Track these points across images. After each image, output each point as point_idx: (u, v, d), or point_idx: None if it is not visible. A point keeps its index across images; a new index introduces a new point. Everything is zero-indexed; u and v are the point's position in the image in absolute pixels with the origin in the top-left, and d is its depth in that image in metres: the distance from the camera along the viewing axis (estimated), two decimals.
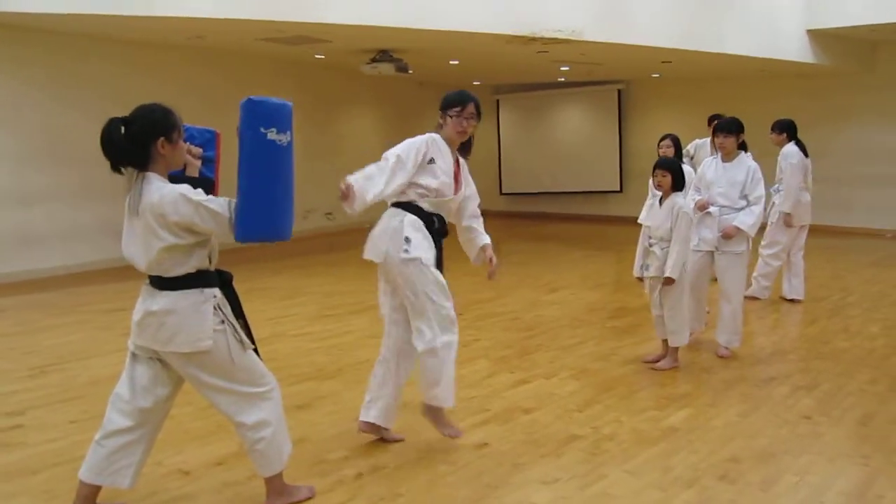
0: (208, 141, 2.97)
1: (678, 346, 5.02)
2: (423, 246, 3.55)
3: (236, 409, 2.87)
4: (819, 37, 10.63)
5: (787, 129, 7.04)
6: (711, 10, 9.58)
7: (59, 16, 7.51)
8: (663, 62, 11.05)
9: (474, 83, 15.35)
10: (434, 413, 3.75)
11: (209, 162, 2.96)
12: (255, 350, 2.94)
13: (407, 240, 3.53)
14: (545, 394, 4.52)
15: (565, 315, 6.59)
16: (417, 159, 3.56)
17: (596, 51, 9.74)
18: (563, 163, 14.84)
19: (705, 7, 9.55)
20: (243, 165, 2.62)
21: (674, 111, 13.43)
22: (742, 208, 5.24)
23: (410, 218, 3.58)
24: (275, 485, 3.02)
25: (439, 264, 3.66)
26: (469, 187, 3.88)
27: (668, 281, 4.82)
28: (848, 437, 3.87)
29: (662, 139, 6.30)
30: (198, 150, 2.92)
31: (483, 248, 3.92)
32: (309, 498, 3.12)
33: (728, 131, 5.29)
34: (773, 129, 7.06)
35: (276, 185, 2.66)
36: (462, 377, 4.80)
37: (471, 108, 3.69)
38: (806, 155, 7.01)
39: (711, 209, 5.29)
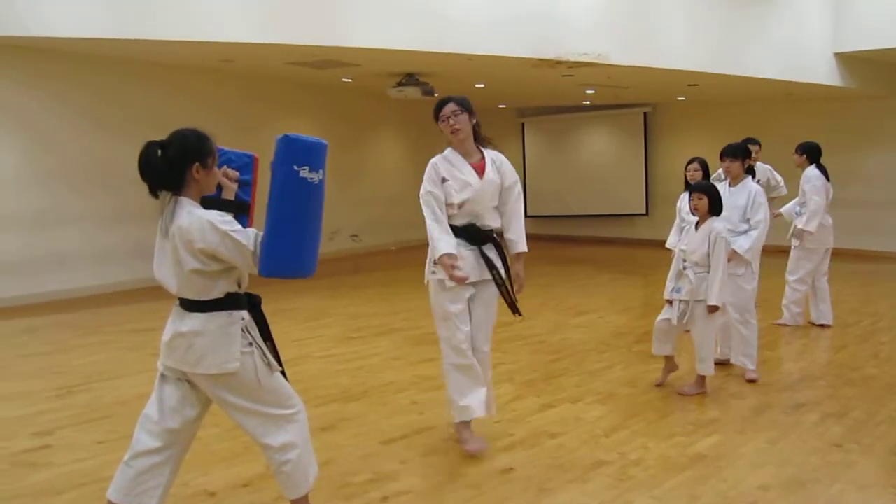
0: (246, 165, 3.00)
1: (705, 376, 4.96)
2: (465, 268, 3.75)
3: (263, 430, 2.88)
4: (846, 60, 10.57)
5: (808, 152, 7.01)
6: (738, 33, 9.57)
7: (97, 40, 7.66)
8: (689, 85, 11.03)
9: (500, 106, 15.41)
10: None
11: (245, 185, 2.98)
12: (283, 372, 2.96)
13: (435, 262, 3.74)
14: (571, 418, 4.49)
15: (592, 339, 6.55)
16: (438, 182, 3.80)
17: (622, 74, 9.75)
18: (588, 186, 14.82)
19: (732, 30, 9.54)
20: (273, 201, 2.64)
21: (700, 134, 13.38)
22: (744, 231, 5.34)
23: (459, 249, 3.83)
24: None
25: (491, 265, 3.87)
26: (506, 178, 3.97)
27: (713, 309, 4.76)
28: (879, 465, 3.80)
29: (690, 162, 6.26)
30: (234, 174, 2.95)
31: (515, 257, 4.02)
32: None
33: (734, 156, 5.43)
34: (796, 150, 7.04)
35: (304, 222, 2.68)
36: None
37: (447, 108, 3.85)
38: (827, 178, 6.93)
39: None
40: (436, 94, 10.46)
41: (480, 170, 3.89)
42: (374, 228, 13.12)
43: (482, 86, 11.60)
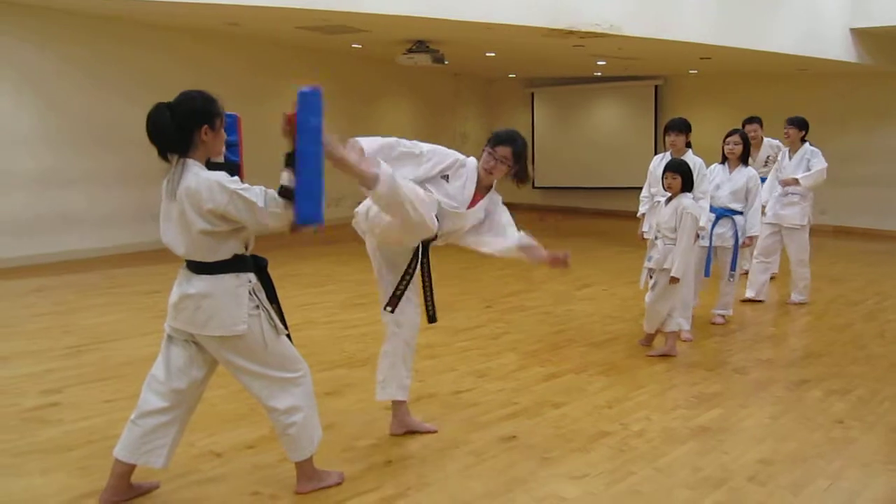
0: (230, 125, 3.00)
1: (652, 334, 5.27)
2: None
3: (268, 393, 2.91)
4: (863, 35, 10.44)
5: (804, 126, 6.98)
6: (753, 5, 9.45)
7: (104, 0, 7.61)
8: (702, 58, 10.93)
9: (510, 76, 15.31)
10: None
11: (233, 146, 3.00)
12: (288, 336, 2.97)
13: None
14: (575, 389, 4.51)
15: (597, 311, 6.56)
16: (435, 168, 3.50)
17: (633, 46, 9.65)
18: (597, 158, 14.75)
19: (747, 3, 9.42)
20: (306, 153, 2.65)
21: (712, 109, 13.27)
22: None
23: None
24: (305, 469, 3.06)
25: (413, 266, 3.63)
26: (489, 223, 3.68)
27: (674, 280, 5.02)
28: (882, 443, 3.81)
29: (729, 135, 6.13)
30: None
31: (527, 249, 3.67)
32: (338, 483, 3.15)
33: (679, 130, 5.70)
34: (792, 124, 6.96)
35: (321, 170, 2.72)
36: (490, 370, 4.83)
37: (504, 150, 3.54)
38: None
39: (661, 200, 5.54)
40: (446, 62, 10.39)
41: (474, 202, 3.62)
42: None
43: (493, 55, 11.51)
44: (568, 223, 13.64)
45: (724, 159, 6.06)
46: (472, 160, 3.64)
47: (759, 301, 6.96)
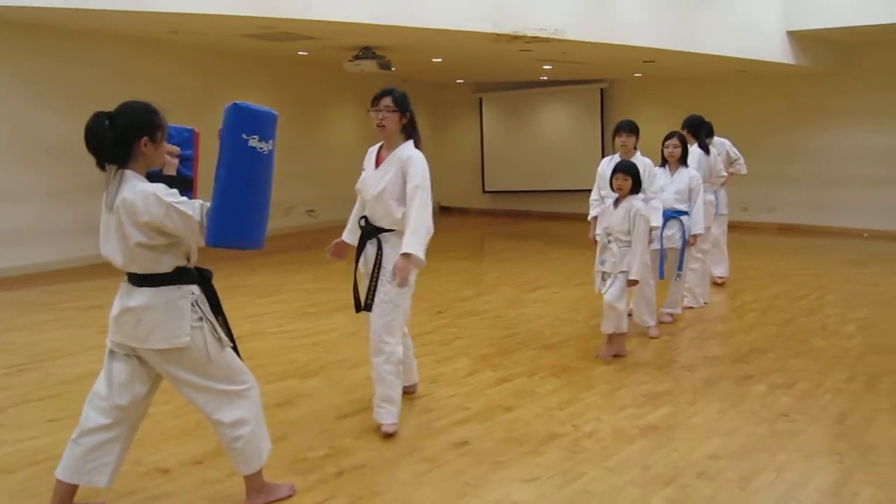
0: (186, 140, 2.94)
1: (609, 335, 5.18)
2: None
3: (214, 406, 2.86)
4: (799, 38, 10.73)
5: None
6: (693, 10, 9.65)
7: (43, 9, 7.41)
8: (646, 62, 11.10)
9: (457, 81, 15.35)
10: None
11: (187, 161, 2.93)
12: (235, 348, 2.93)
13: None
14: (526, 392, 4.53)
15: (548, 313, 6.60)
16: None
17: (579, 50, 9.76)
18: (545, 161, 14.86)
19: (687, 8, 9.61)
20: (221, 170, 2.60)
21: (656, 110, 13.47)
22: (643, 201, 5.61)
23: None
24: (254, 483, 3.01)
25: (378, 264, 3.80)
26: (410, 180, 3.72)
27: (633, 283, 5.04)
28: (824, 434, 3.91)
29: (668, 137, 6.23)
30: (175, 149, 2.89)
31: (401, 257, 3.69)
32: (289, 496, 3.12)
33: (630, 131, 5.78)
34: (682, 126, 6.80)
35: (252, 192, 2.65)
36: (442, 375, 4.83)
37: (382, 101, 3.78)
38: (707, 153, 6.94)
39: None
40: (393, 68, 10.38)
41: (379, 162, 3.86)
42: (331, 203, 13.01)
43: (440, 60, 11.54)
44: (518, 226, 13.72)
45: (664, 162, 6.17)
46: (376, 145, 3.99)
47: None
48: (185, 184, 2.86)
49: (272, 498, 3.06)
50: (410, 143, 3.84)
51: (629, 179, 5.02)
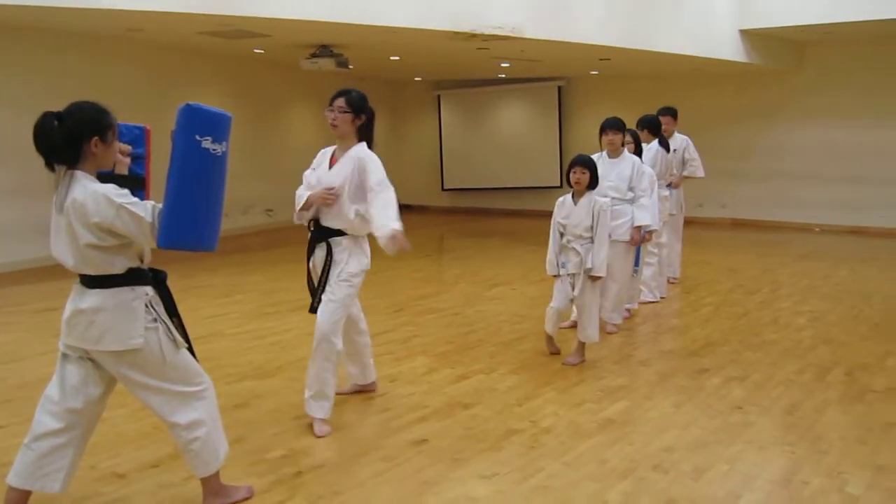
0: (137, 137, 2.90)
1: (585, 343, 5.09)
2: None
3: (169, 409, 2.83)
4: (751, 37, 10.93)
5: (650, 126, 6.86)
6: (648, 9, 9.77)
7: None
8: (601, 60, 11.21)
9: (415, 79, 15.34)
10: None
11: (139, 159, 2.89)
12: (190, 349, 2.90)
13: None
14: (485, 389, 4.55)
15: (506, 310, 6.64)
16: (311, 169, 3.99)
17: (535, 48, 9.83)
18: (504, 159, 14.93)
19: (642, 7, 9.73)
20: (174, 171, 2.58)
21: (613, 107, 13.48)
22: (630, 199, 5.77)
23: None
24: (211, 485, 2.98)
25: (326, 268, 3.85)
26: (369, 177, 3.73)
27: (596, 278, 4.95)
28: (777, 426, 3.99)
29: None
30: (126, 148, 2.85)
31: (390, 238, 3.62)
32: (247, 498, 3.09)
33: (617, 129, 5.78)
34: (638, 126, 6.71)
35: (204, 194, 2.63)
36: (401, 374, 4.84)
37: (336, 101, 3.80)
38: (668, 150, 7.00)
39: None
40: (350, 67, 10.34)
41: (333, 163, 3.89)
42: (289, 203, 12.89)
43: (397, 58, 11.52)
44: (477, 224, 13.76)
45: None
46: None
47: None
48: (137, 183, 2.83)
49: (230, 500, 3.04)
50: (363, 144, 3.85)
51: (587, 173, 4.90)
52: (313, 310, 3.84)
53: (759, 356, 5.23)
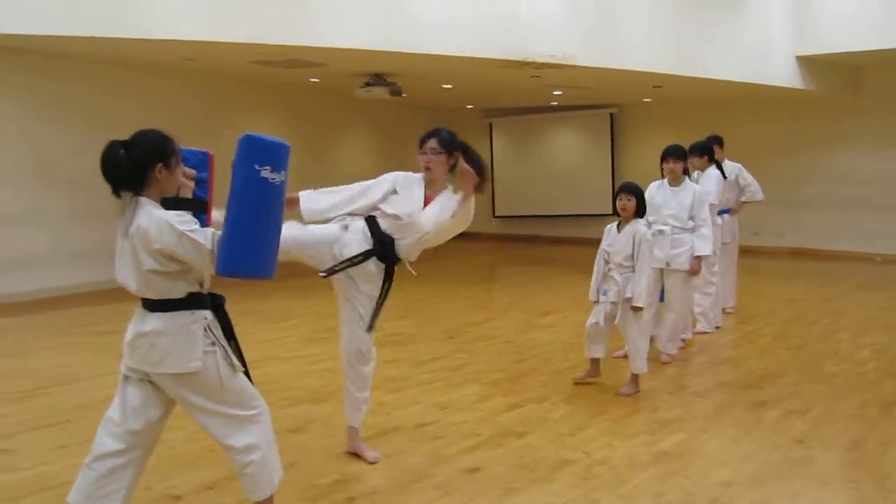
0: (201, 162, 2.96)
1: (639, 374, 5.00)
2: (351, 244, 3.69)
3: (225, 432, 2.86)
4: (807, 63, 10.76)
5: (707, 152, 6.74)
6: (701, 35, 9.69)
7: (56, 38, 7.52)
8: (654, 87, 11.15)
9: (467, 107, 15.44)
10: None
11: (202, 183, 2.93)
12: (246, 373, 2.94)
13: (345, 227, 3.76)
14: (537, 418, 4.51)
15: (558, 339, 6.59)
16: (381, 190, 3.76)
17: (588, 75, 9.82)
18: (556, 186, 14.90)
19: (695, 33, 9.65)
20: (233, 200, 2.63)
21: (665, 135, 13.38)
22: (691, 228, 5.67)
23: (357, 224, 3.75)
24: None
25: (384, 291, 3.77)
26: (429, 214, 3.75)
27: (637, 309, 4.86)
28: (839, 461, 3.87)
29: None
30: (191, 172, 2.91)
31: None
32: None
33: (677, 157, 5.72)
34: (692, 152, 6.46)
35: (263, 223, 2.67)
36: (453, 401, 4.82)
37: (429, 143, 3.78)
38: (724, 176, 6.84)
39: (664, 228, 5.66)
40: (403, 95, 10.46)
41: (427, 202, 3.77)
42: None
43: (450, 86, 11.61)
44: (528, 251, 13.72)
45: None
46: (413, 174, 3.85)
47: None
48: (200, 206, 2.87)
49: None
50: (449, 189, 3.80)
51: (633, 200, 4.88)
52: (370, 328, 3.76)
53: (820, 389, 5.09)
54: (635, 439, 4.15)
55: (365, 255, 3.69)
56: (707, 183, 6.42)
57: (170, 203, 2.77)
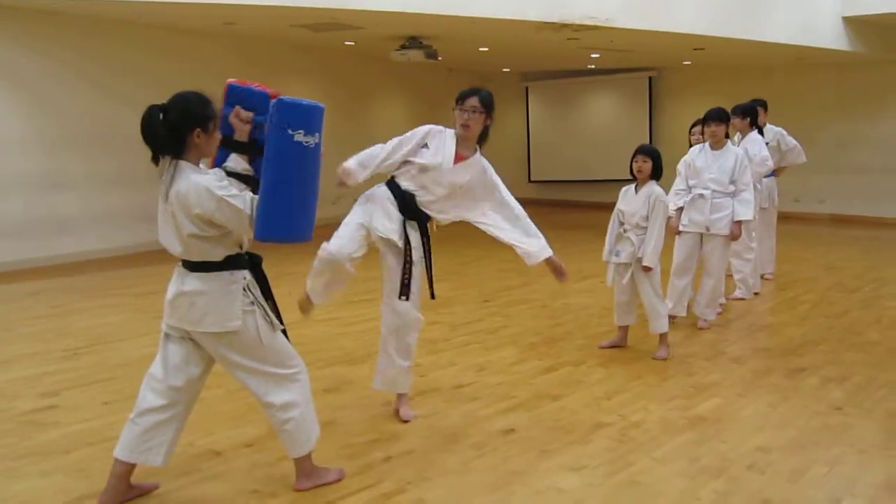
0: (261, 103, 2.84)
1: (665, 332, 5.01)
2: (376, 214, 3.69)
3: (265, 389, 2.91)
4: (855, 24, 10.45)
5: (750, 114, 6.64)
6: None
7: (99, 1, 7.58)
8: (695, 49, 10.93)
9: (503, 70, 15.29)
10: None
11: (260, 127, 2.82)
12: (284, 332, 2.98)
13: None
14: (573, 381, 4.52)
15: (594, 303, 6.56)
16: (413, 141, 3.74)
17: (627, 38, 9.66)
18: (592, 151, 14.75)
19: None
20: (268, 165, 2.63)
21: (705, 99, 13.16)
22: (731, 193, 5.57)
23: (381, 191, 3.76)
24: (304, 466, 3.06)
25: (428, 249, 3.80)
26: (492, 200, 3.89)
27: (647, 269, 4.85)
28: (879, 429, 3.82)
29: (695, 125, 6.22)
30: (248, 115, 2.85)
31: (547, 262, 3.98)
32: (338, 480, 3.16)
33: (719, 120, 5.60)
34: (734, 113, 6.44)
35: (299, 186, 2.67)
36: (489, 363, 4.84)
37: (472, 101, 3.75)
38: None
39: (704, 192, 5.58)
40: (439, 58, 10.38)
41: (459, 160, 3.78)
42: None
43: (486, 49, 11.50)
44: (564, 216, 13.64)
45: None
46: (444, 128, 3.84)
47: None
48: (256, 150, 2.82)
49: (321, 481, 3.11)
50: (479, 153, 3.86)
51: (648, 162, 4.87)
52: (404, 292, 3.74)
53: (860, 357, 5.02)
54: (671, 403, 4.14)
55: (401, 228, 3.71)
56: (754, 147, 6.32)
57: (226, 143, 2.78)
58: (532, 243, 3.92)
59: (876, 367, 4.80)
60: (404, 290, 3.72)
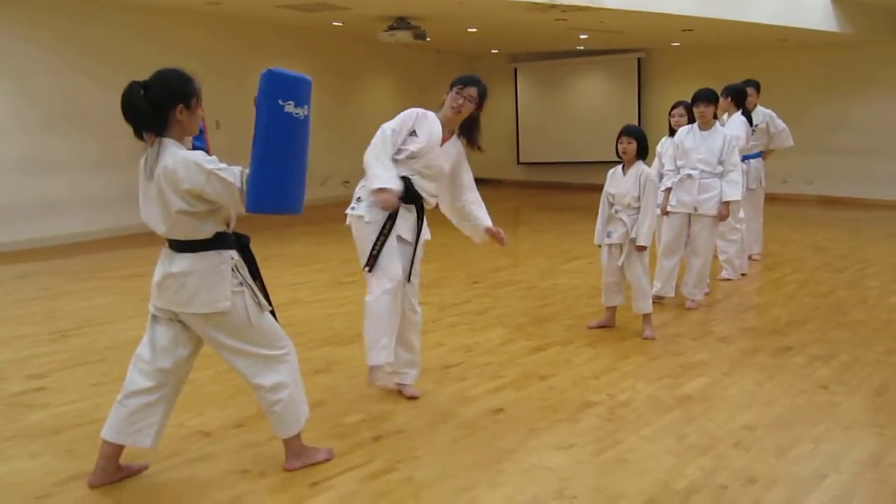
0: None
1: (649, 313, 5.03)
2: (374, 208, 3.71)
3: (254, 371, 2.91)
4: (843, 4, 10.45)
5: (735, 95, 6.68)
6: None
7: None
8: (684, 30, 10.91)
9: (492, 51, 15.23)
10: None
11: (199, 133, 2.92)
12: (273, 313, 2.97)
13: (358, 199, 3.81)
14: (561, 361, 4.54)
15: (582, 284, 6.58)
16: (404, 130, 3.76)
17: (616, 18, 9.63)
18: (581, 132, 14.73)
19: None
20: (258, 136, 2.62)
21: (694, 80, 13.12)
22: (720, 173, 5.59)
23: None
24: (293, 446, 3.06)
25: (419, 234, 3.87)
26: (460, 169, 3.98)
27: (641, 248, 4.88)
28: (864, 406, 3.86)
29: (675, 107, 6.21)
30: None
31: (486, 230, 4.06)
32: (327, 460, 3.17)
33: (708, 100, 5.62)
34: (723, 93, 6.54)
35: (289, 157, 2.67)
36: (478, 344, 4.86)
37: (471, 90, 3.78)
38: (751, 124, 6.80)
39: (692, 173, 5.59)
40: (427, 39, 10.33)
41: (443, 141, 3.85)
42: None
43: (474, 30, 11.45)
44: (553, 198, 13.66)
45: (672, 132, 6.07)
46: (427, 111, 3.86)
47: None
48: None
49: (311, 461, 3.12)
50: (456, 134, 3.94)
51: (633, 143, 4.88)
52: (408, 278, 3.86)
53: (846, 336, 5.06)
54: (659, 382, 4.17)
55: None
56: (733, 127, 6.33)
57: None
58: (483, 216, 4.06)
59: (861, 345, 4.84)
60: (370, 261, 3.80)
